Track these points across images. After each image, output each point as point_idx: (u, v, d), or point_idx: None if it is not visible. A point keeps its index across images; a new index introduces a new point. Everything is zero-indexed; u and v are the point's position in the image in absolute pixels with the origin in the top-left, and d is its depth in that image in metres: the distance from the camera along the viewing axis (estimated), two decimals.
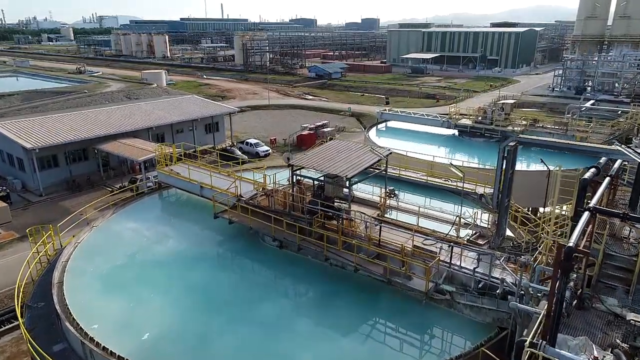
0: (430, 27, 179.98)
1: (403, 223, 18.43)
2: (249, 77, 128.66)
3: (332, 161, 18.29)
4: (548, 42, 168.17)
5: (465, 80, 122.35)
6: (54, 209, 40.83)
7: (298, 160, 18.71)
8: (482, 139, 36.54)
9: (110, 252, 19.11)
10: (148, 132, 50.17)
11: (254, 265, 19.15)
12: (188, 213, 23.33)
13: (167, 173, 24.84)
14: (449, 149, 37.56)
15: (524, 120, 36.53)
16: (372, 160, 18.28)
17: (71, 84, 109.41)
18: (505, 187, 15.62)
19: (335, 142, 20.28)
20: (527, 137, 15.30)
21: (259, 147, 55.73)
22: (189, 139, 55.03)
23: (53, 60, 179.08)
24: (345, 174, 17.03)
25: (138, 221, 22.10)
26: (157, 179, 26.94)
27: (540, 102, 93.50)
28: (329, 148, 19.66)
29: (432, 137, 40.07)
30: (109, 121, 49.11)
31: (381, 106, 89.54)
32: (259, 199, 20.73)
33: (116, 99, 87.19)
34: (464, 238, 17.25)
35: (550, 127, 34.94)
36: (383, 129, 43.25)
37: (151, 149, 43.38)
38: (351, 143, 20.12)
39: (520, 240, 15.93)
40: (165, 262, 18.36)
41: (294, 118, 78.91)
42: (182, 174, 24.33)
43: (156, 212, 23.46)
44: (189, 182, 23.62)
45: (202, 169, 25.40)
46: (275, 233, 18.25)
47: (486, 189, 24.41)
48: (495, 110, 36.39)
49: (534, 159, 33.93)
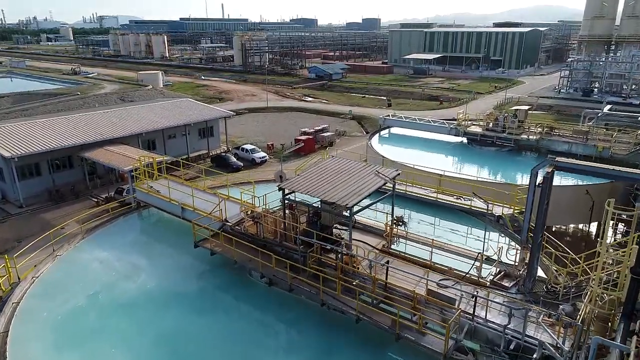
0: (433, 27, 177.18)
1: (414, 258, 15.71)
2: (248, 78, 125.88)
3: (329, 185, 15.57)
4: (552, 42, 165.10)
5: (469, 81, 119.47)
6: (33, 222, 38.05)
7: (290, 183, 16.00)
8: (493, 148, 33.79)
9: (71, 290, 16.43)
10: (138, 138, 47.34)
11: (239, 307, 16.47)
12: (167, 238, 20.64)
13: (145, 191, 22.13)
14: (457, 159, 34.84)
15: (539, 127, 33.76)
16: (377, 184, 15.56)
17: (65, 85, 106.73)
18: (539, 221, 12.91)
19: (334, 160, 17.55)
20: (565, 160, 12.57)
21: (255, 153, 52.93)
22: (181, 144, 52.30)
23: (50, 61, 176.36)
24: (346, 202, 14.33)
25: (109, 249, 19.40)
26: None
27: (547, 104, 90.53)
28: (327, 168, 16.93)
29: (438, 145, 37.34)
30: (96, 127, 46.31)
31: (383, 108, 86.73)
32: (246, 225, 18.00)
33: (110, 101, 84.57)
34: (486, 278, 14.54)
35: (568, 136, 32.18)
36: (386, 135, 40.52)
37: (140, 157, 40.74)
38: (352, 162, 17.38)
39: (556, 285, 13.23)
40: (134, 304, 15.67)
41: (293, 121, 76.10)
42: (162, 192, 21.60)
43: (131, 236, 20.76)
44: (169, 203, 20.90)
45: (186, 185, 22.67)
46: (262, 269, 15.59)
47: (505, 209, 21.71)
48: (507, 117, 33.61)
49: None
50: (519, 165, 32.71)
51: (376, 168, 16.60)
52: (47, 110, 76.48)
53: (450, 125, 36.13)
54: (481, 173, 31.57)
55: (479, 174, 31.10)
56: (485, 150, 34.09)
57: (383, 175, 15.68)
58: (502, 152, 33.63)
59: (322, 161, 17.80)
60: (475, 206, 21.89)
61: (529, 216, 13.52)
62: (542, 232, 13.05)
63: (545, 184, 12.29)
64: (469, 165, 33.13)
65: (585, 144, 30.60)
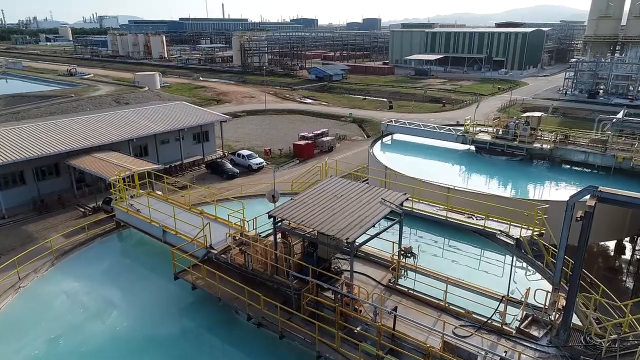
0: (434, 28, 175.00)
1: (425, 297, 13.56)
2: (247, 79, 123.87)
3: (327, 213, 13.43)
4: (555, 43, 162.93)
5: (471, 83, 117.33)
6: (15, 235, 35.99)
7: (282, 210, 13.85)
8: (503, 157, 31.62)
9: (30, 333, 14.21)
10: (129, 144, 45.28)
11: (226, 351, 14.31)
12: (148, 264, 18.46)
13: (124, 210, 19.98)
14: (465, 168, 32.62)
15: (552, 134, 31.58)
16: (382, 212, 13.41)
17: (60, 87, 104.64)
18: (578, 261, 10.78)
19: (333, 182, 15.40)
20: (610, 191, 10.43)
21: (251, 159, 50.84)
22: (175, 150, 50.22)
23: (48, 61, 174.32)
24: (346, 235, 12.20)
25: (80, 279, 17.26)
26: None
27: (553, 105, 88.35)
28: (325, 191, 14.77)
29: (444, 153, 35.15)
30: (84, 132, 44.21)
31: (384, 111, 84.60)
32: (233, 254, 15.86)
33: (104, 104, 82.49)
34: (511, 325, 12.41)
35: (585, 145, 30.02)
36: (388, 142, 38.37)
37: (128, 165, 38.64)
38: (353, 185, 15.22)
39: (597, 338, 11.09)
40: (102, 350, 13.50)
41: (292, 124, 74.03)
42: (143, 211, 19.46)
43: (106, 263, 18.60)
44: (150, 224, 18.77)
45: (171, 203, 20.52)
46: (249, 310, 13.50)
47: (523, 230, 19.54)
48: (519, 124, 31.46)
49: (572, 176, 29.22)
50: (533, 176, 30.52)
51: (381, 193, 14.44)
52: (39, 113, 74.44)
53: (458, 133, 33.95)
54: (492, 185, 29.36)
55: (489, 186, 28.94)
56: (495, 159, 31.91)
57: (389, 202, 13.53)
58: (513, 161, 31.45)
59: (320, 183, 15.63)
60: (490, 227, 19.70)
61: (563, 254, 11.40)
62: (580, 274, 10.92)
63: (588, 220, 10.19)
64: (478, 175, 30.91)
65: (603, 154, 28.45)
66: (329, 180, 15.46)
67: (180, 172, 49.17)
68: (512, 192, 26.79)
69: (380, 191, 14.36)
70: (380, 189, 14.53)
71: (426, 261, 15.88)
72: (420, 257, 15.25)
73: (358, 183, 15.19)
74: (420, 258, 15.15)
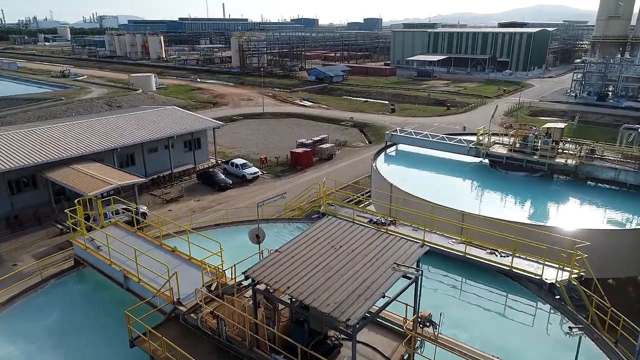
0: (437, 28, 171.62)
1: None
2: (245, 81, 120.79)
3: (320, 275, 10.26)
4: (560, 43, 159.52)
5: (475, 84, 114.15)
6: None
7: (261, 270, 10.68)
8: (522, 173, 28.35)
9: None
10: (113, 154, 42.12)
11: None
12: (106, 320, 15.08)
13: (82, 246, 16.78)
14: (478, 185, 29.33)
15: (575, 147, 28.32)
16: (394, 275, 10.23)
17: (51, 89, 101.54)
18: None
19: (329, 225, 12.22)
20: None
21: (246, 168, 47.64)
22: (164, 159, 47.02)
23: (45, 62, 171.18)
24: (346, 315, 8.95)
25: (17, 340, 13.95)
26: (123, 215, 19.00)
27: (560, 109, 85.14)
28: (318, 240, 11.56)
29: (454, 166, 31.89)
30: (65, 141, 41.06)
31: (386, 115, 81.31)
32: (204, 314, 12.64)
33: (95, 107, 79.28)
34: None
35: (614, 161, 26.76)
36: (393, 153, 35.18)
37: (109, 178, 35.47)
38: (356, 229, 12.05)
39: None
40: None
41: (290, 129, 70.86)
42: (104, 249, 16.24)
43: (54, 316, 15.17)
44: (110, 266, 15.57)
45: (141, 237, 17.31)
46: None
47: (560, 273, 16.30)
48: (539, 136, 28.23)
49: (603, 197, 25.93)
50: (559, 197, 27.07)
51: (391, 243, 11.23)
52: (26, 117, 71.24)
53: (470, 145, 30.71)
54: (513, 208, 25.67)
55: (509, 208, 25.43)
56: (513, 175, 28.64)
57: (404, 266, 10.32)
58: (533, 178, 28.20)
59: (314, 228, 12.41)
60: (518, 268, 16.49)
61: None
62: None
63: None
64: (495, 195, 27.53)
65: (637, 171, 25.21)
66: (325, 222, 12.28)
67: (169, 183, 45.94)
68: (539, 218, 23.35)
69: (390, 240, 11.20)
70: (390, 237, 11.37)
71: (440, 305, 12.68)
72: (434, 297, 12.06)
73: (361, 227, 12.02)
74: (434, 299, 11.96)
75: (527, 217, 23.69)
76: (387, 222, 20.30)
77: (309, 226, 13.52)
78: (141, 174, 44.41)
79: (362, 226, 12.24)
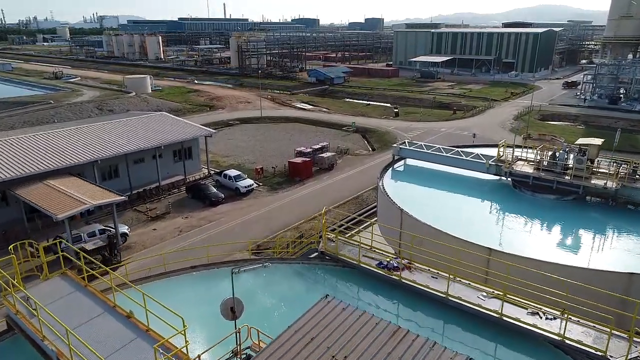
0: (440, 28, 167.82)
1: None
2: (244, 82, 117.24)
3: None
4: (566, 44, 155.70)
5: (481, 86, 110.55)
6: None
7: None
8: (552, 195, 24.64)
9: None
10: (93, 166, 38.54)
11: None
12: None
13: (14, 310, 13.20)
14: (500, 209, 25.60)
15: (612, 166, 24.62)
16: None
17: (42, 91, 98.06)
18: None
19: (326, 313, 8.68)
20: None
21: (239, 180, 44.02)
22: (151, 170, 43.38)
23: (41, 62, 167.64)
24: None
25: None
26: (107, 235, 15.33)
27: (572, 113, 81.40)
28: (310, 345, 8.02)
29: (471, 185, 28.16)
30: (40, 152, 37.52)
31: (390, 119, 77.58)
32: None
33: (85, 111, 75.72)
34: None
35: None
36: (400, 169, 31.54)
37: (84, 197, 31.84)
38: (367, 322, 8.50)
39: None
40: None
41: (289, 135, 67.23)
42: (35, 319, 12.62)
43: None
44: (42, 340, 11.95)
45: (92, 294, 13.71)
46: None
47: (630, 347, 12.63)
48: (570, 152, 24.57)
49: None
50: (600, 226, 22.93)
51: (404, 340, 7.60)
52: (11, 122, 67.68)
53: (489, 161, 27.05)
54: (547, 241, 21.40)
55: (548, 242, 21.20)
56: (540, 197, 24.92)
57: None
58: (565, 201, 24.49)
59: (306, 317, 8.79)
60: (571, 338, 12.84)
61: None
62: None
63: None
64: (525, 223, 23.56)
65: None
66: (323, 309, 8.72)
67: (156, 196, 42.31)
68: (590, 260, 19.03)
69: (417, 351, 7.64)
70: (417, 343, 7.80)
71: None
72: None
73: (374, 323, 8.43)
74: None
75: (572, 256, 19.49)
76: (400, 266, 16.69)
77: (306, 269, 9.76)
78: (125, 187, 40.88)
79: (375, 320, 8.56)
